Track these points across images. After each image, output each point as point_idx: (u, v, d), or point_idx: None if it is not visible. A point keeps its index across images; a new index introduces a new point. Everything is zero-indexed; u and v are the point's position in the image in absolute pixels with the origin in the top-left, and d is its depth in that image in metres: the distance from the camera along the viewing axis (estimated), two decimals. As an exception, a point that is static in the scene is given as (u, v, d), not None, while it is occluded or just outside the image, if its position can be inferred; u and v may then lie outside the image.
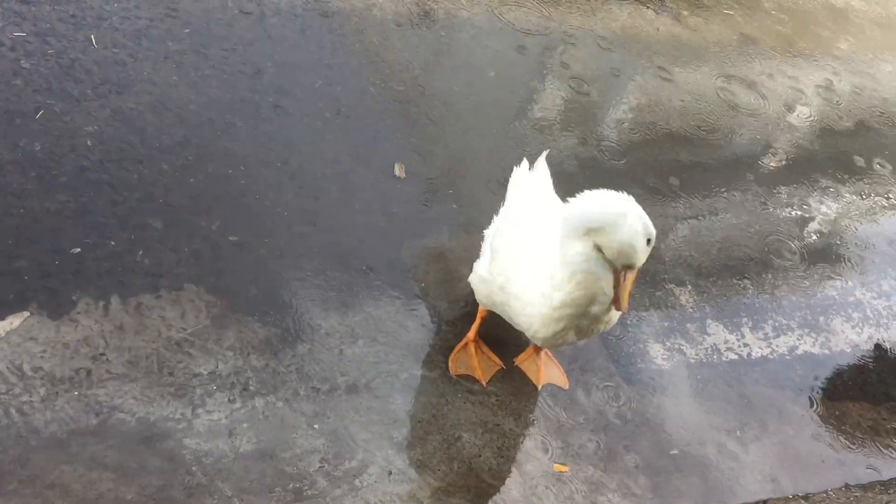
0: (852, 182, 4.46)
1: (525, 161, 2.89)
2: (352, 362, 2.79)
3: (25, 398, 2.38)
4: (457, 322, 3.04)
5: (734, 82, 4.72)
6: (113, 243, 2.80)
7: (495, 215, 2.89)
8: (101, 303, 2.65)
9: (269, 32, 3.73)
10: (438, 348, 2.94)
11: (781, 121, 4.64)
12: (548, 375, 2.98)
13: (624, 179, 3.84)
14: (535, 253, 2.47)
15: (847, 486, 3.07)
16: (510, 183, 2.89)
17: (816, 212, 4.18)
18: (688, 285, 3.54)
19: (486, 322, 2.92)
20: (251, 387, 2.62)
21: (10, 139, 2.92)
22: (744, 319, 3.51)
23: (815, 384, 3.40)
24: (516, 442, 2.79)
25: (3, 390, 2.38)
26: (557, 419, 2.90)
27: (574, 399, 2.97)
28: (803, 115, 4.75)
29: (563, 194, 2.78)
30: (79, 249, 2.75)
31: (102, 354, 2.54)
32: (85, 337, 2.56)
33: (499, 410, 2.86)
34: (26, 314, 2.55)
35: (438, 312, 3.04)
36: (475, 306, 2.94)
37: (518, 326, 2.60)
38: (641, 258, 2.21)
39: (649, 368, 3.17)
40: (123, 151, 3.06)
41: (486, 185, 3.53)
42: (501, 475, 2.69)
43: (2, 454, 2.27)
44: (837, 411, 3.33)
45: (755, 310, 3.57)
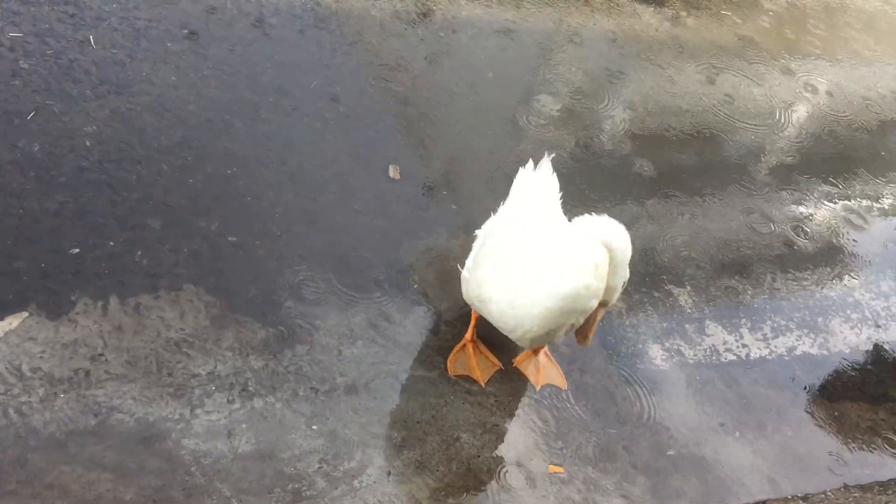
0: (851, 183, 4.46)
1: (531, 162, 2.87)
2: (351, 363, 2.79)
3: (24, 399, 2.38)
4: (456, 322, 3.04)
5: (733, 83, 4.72)
6: (112, 244, 2.80)
7: (493, 214, 2.89)
8: (100, 303, 2.65)
9: (269, 33, 3.73)
10: (437, 349, 2.94)
11: (780, 121, 4.65)
12: (546, 376, 2.98)
13: (623, 180, 3.84)
14: (539, 253, 2.50)
15: (846, 487, 3.08)
16: (515, 183, 2.88)
17: (815, 212, 4.18)
18: (686, 286, 3.54)
19: (484, 323, 2.92)
20: (250, 387, 2.62)
21: (10, 139, 2.93)
22: (742, 320, 3.51)
23: (814, 385, 3.40)
24: (515, 443, 2.79)
25: (2, 391, 2.38)
26: (556, 420, 2.90)
27: (573, 400, 2.98)
28: (802, 116, 4.75)
29: (563, 194, 2.80)
30: (78, 250, 2.75)
31: (101, 355, 2.54)
32: (84, 337, 2.56)
33: (497, 411, 2.86)
34: (25, 314, 2.55)
35: (437, 313, 3.04)
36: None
37: (503, 325, 2.62)
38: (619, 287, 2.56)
39: (648, 369, 3.17)
40: (122, 152, 3.06)
41: (486, 186, 3.53)
42: (500, 476, 2.69)
43: (1, 454, 2.27)
44: (836, 412, 3.33)
45: (754, 310, 3.57)
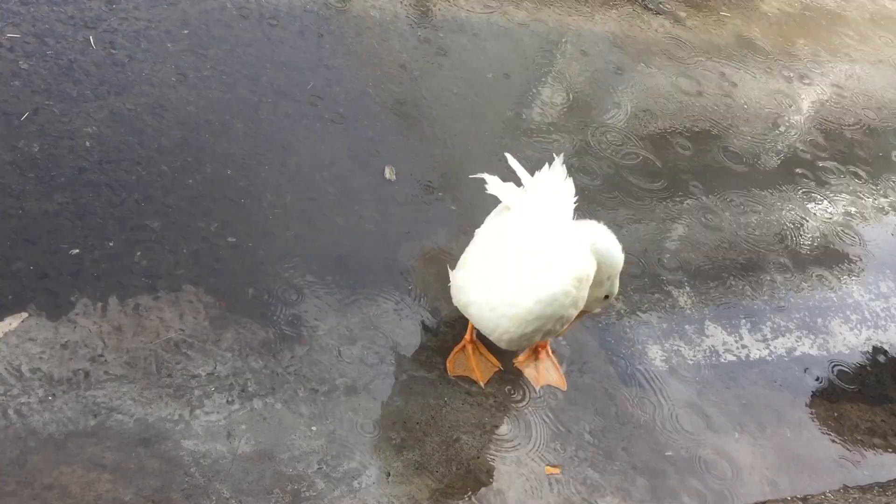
0: (850, 184, 4.46)
1: (547, 165, 2.78)
2: (350, 364, 2.79)
3: (24, 399, 2.38)
4: (455, 323, 3.04)
5: (732, 83, 4.72)
6: (111, 244, 2.80)
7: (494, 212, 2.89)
8: (100, 304, 2.65)
9: (268, 34, 3.73)
10: (437, 349, 2.94)
11: (779, 122, 4.65)
12: (546, 377, 2.98)
13: (622, 180, 3.85)
14: (523, 255, 2.54)
15: (845, 488, 3.07)
16: (532, 180, 2.78)
17: (814, 213, 4.18)
18: (686, 287, 3.54)
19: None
20: (249, 388, 2.62)
21: (9, 140, 2.92)
22: (742, 321, 3.51)
23: (814, 386, 3.40)
24: (514, 443, 2.79)
25: (2, 391, 2.38)
26: (556, 421, 2.90)
27: (572, 400, 2.98)
28: (801, 117, 4.76)
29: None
30: (77, 250, 2.75)
31: (101, 355, 2.54)
32: (83, 338, 2.56)
33: (497, 412, 2.86)
34: (25, 315, 2.54)
35: (437, 314, 3.04)
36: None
37: (483, 325, 2.65)
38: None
39: (648, 370, 3.17)
40: (122, 153, 3.06)
41: (485, 187, 3.52)
42: (500, 477, 2.69)
43: (0, 455, 2.27)
44: (835, 413, 3.33)
45: (753, 311, 3.57)
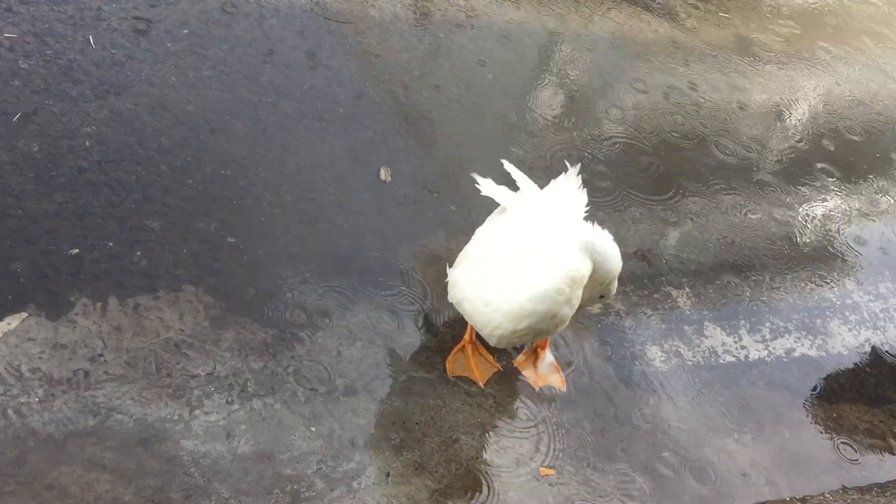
0: (850, 184, 4.47)
1: (569, 170, 2.74)
2: (350, 364, 2.79)
3: (23, 399, 2.38)
4: (454, 324, 3.04)
5: (730, 84, 4.73)
6: (111, 244, 2.80)
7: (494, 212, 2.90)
8: (99, 304, 2.65)
9: (268, 33, 3.73)
10: (436, 350, 2.94)
11: (779, 122, 4.65)
12: (545, 377, 2.99)
13: (621, 181, 3.85)
14: (519, 252, 2.55)
15: (844, 489, 3.08)
16: (551, 185, 2.74)
17: (813, 214, 4.18)
18: (685, 288, 3.54)
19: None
20: (249, 388, 2.62)
21: (9, 140, 2.92)
22: (741, 322, 3.52)
23: (813, 386, 3.40)
24: (514, 444, 2.79)
25: (1, 391, 2.38)
26: (555, 421, 2.90)
27: (571, 401, 2.98)
28: (801, 118, 4.76)
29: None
30: (77, 250, 2.74)
31: (100, 355, 2.54)
32: (83, 338, 2.56)
33: (496, 412, 2.86)
34: (24, 315, 2.54)
35: (436, 314, 3.05)
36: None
37: (475, 320, 2.66)
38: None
39: (647, 370, 3.17)
40: (122, 152, 3.06)
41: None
42: (499, 477, 2.69)
43: (0, 455, 2.27)
44: (834, 414, 3.33)
45: (752, 312, 3.58)
